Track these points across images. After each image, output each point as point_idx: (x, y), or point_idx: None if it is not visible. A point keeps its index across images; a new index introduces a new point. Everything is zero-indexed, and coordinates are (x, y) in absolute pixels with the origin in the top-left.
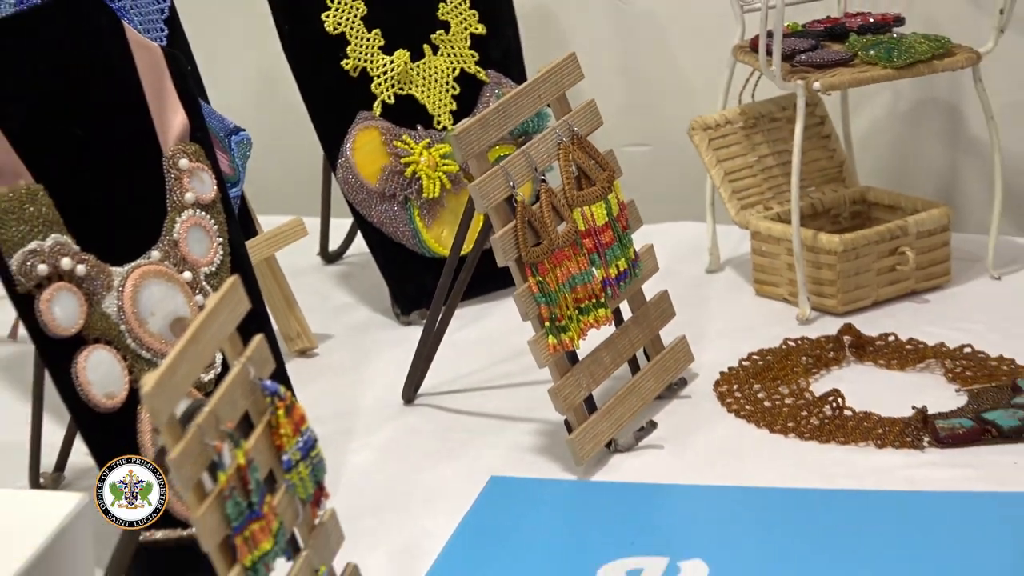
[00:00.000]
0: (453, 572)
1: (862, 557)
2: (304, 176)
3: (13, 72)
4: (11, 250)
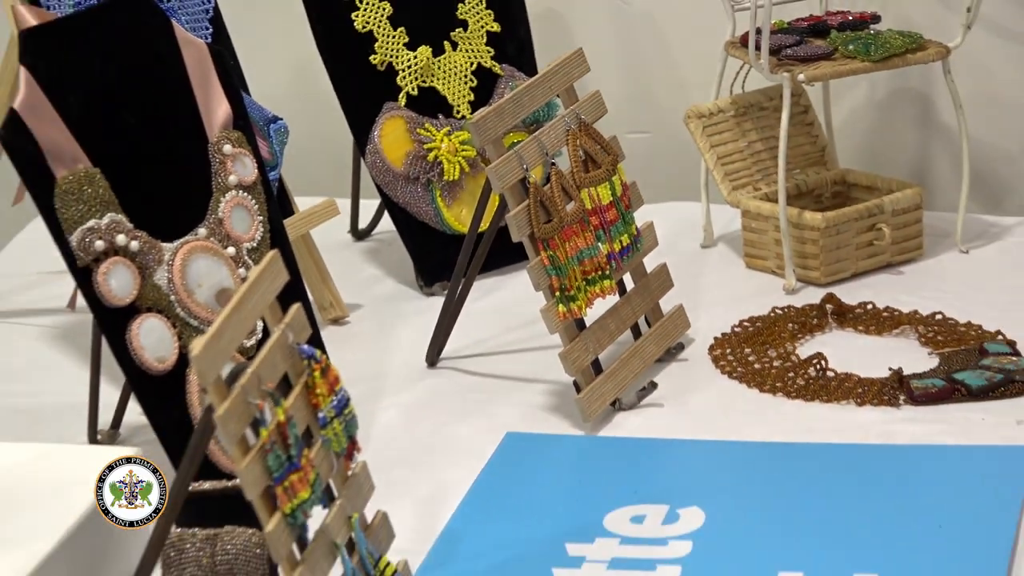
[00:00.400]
0: (472, 519)
1: (843, 504)
2: (336, 161)
3: (72, 66)
4: (71, 228)
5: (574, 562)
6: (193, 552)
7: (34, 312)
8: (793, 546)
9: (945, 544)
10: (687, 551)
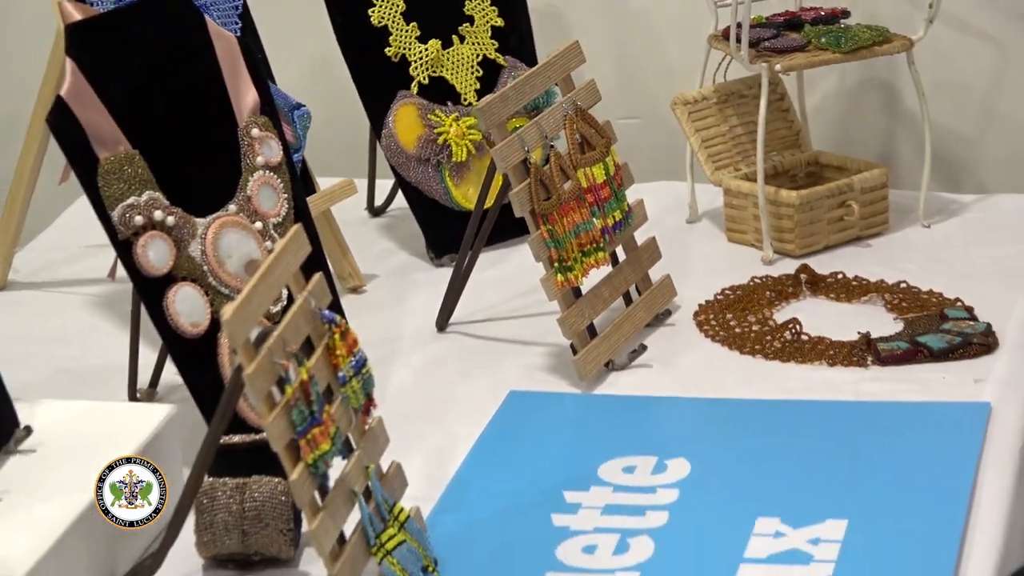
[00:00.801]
0: (478, 470)
1: (815, 456)
2: (354, 144)
3: (114, 57)
4: (112, 204)
5: (571, 508)
6: (224, 499)
7: (79, 282)
8: (771, 494)
9: (909, 491)
10: (674, 498)
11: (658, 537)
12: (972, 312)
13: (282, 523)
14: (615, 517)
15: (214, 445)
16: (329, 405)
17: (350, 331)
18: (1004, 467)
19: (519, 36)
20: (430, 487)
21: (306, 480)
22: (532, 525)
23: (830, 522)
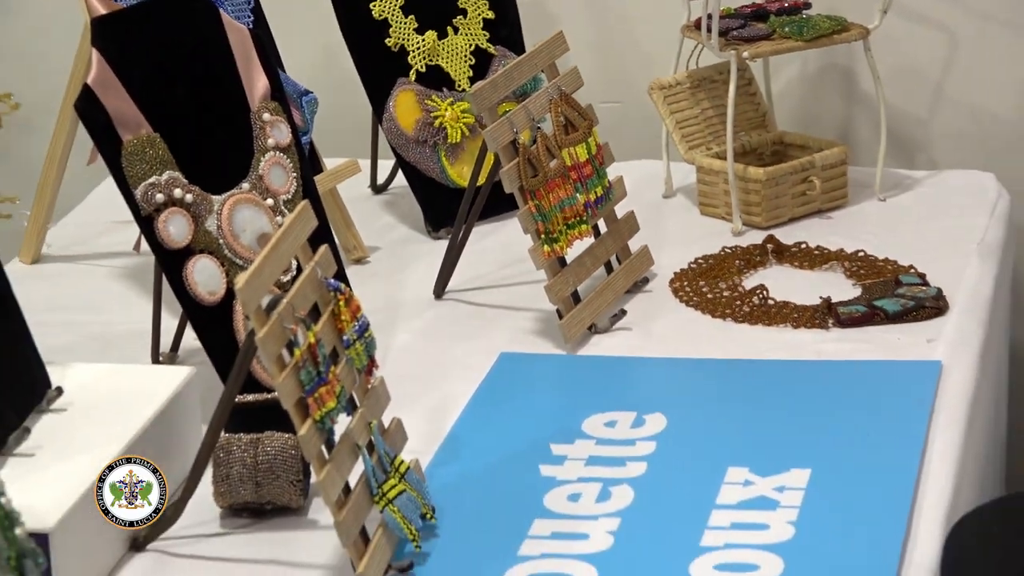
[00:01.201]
0: (472, 425)
1: (781, 410)
2: (358, 127)
3: (135, 48)
4: (136, 183)
5: (557, 460)
6: (239, 453)
7: (106, 255)
8: (740, 445)
9: (867, 442)
10: (652, 450)
11: (637, 486)
12: (924, 278)
13: (292, 474)
14: (597, 468)
15: (229, 403)
16: (335, 366)
17: (354, 298)
18: (954, 420)
19: (508, 27)
20: (428, 441)
21: (314, 435)
22: (521, 476)
23: (794, 471)
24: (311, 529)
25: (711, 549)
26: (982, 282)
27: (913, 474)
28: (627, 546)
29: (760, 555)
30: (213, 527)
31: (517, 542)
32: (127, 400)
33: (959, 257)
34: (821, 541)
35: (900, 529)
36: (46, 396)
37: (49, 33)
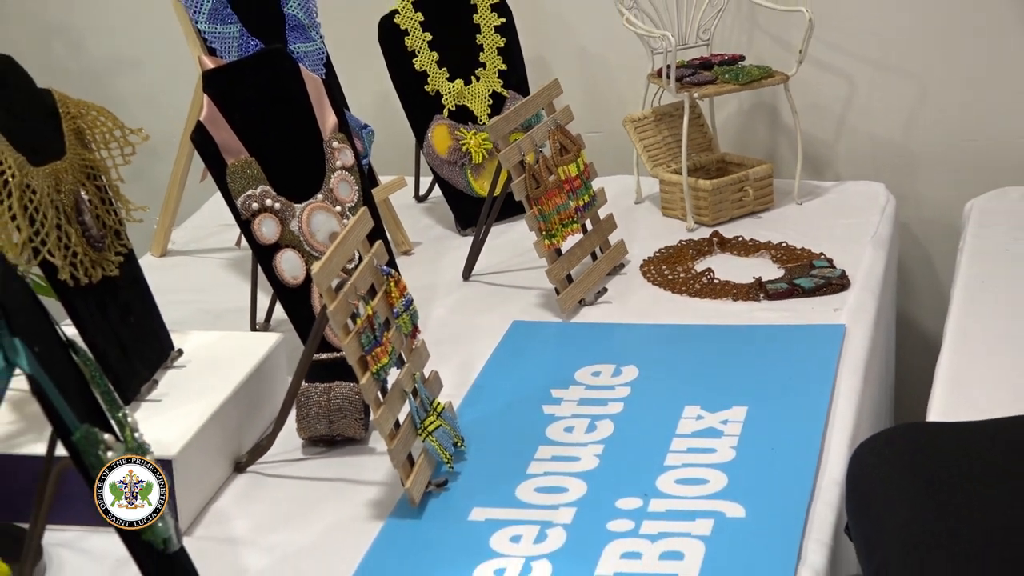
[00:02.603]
0: (492, 376)
1: (724, 363)
2: (404, 152)
3: (236, 93)
4: (237, 195)
5: (555, 401)
6: (316, 398)
7: (215, 250)
8: (694, 389)
9: (790, 386)
10: (627, 393)
11: (616, 420)
12: (831, 262)
13: (356, 414)
14: (586, 407)
15: (308, 360)
16: (387, 332)
17: (401, 280)
18: (854, 369)
19: (517, 76)
20: (458, 388)
21: (372, 384)
22: (528, 413)
23: (735, 408)
24: (370, 455)
25: (673, 467)
26: (875, 265)
27: (824, 410)
28: (609, 465)
29: (709, 471)
30: (296, 454)
31: (526, 463)
32: (231, 359)
33: (858, 246)
34: (755, 461)
35: (815, 451)
36: (170, 356)
37: (172, 82)
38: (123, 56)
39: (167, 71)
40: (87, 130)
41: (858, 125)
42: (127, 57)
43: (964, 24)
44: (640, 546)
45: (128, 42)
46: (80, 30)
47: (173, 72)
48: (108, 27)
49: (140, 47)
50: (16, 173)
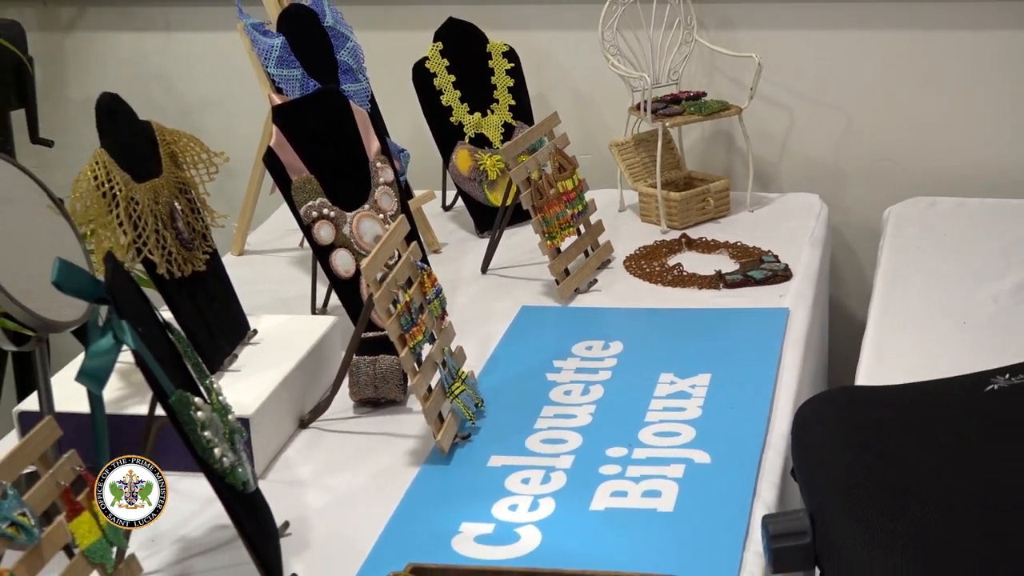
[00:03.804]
0: (506, 349)
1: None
2: (433, 171)
3: (300, 123)
4: (300, 205)
5: (556, 370)
6: (364, 368)
7: (283, 249)
8: (668, 360)
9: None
10: (614, 364)
11: (605, 385)
12: (777, 258)
13: (397, 380)
14: (581, 374)
15: (358, 338)
16: (422, 315)
17: (432, 273)
18: (796, 344)
19: (524, 110)
20: (478, 360)
21: (409, 356)
22: (535, 380)
23: (701, 375)
24: (408, 414)
25: (651, 423)
26: (812, 260)
27: (772, 376)
28: (600, 421)
29: (681, 426)
30: (348, 413)
31: (533, 419)
32: (295, 337)
33: (798, 245)
34: (717, 418)
35: (765, 409)
36: (247, 335)
37: (247, 116)
38: (208, 95)
39: (243, 106)
40: (179, 154)
41: (797, 148)
42: (211, 96)
43: (881, 68)
44: (626, 486)
45: (211, 84)
46: (172, 76)
47: (248, 107)
48: (195, 73)
49: (221, 88)
50: (123, 188)
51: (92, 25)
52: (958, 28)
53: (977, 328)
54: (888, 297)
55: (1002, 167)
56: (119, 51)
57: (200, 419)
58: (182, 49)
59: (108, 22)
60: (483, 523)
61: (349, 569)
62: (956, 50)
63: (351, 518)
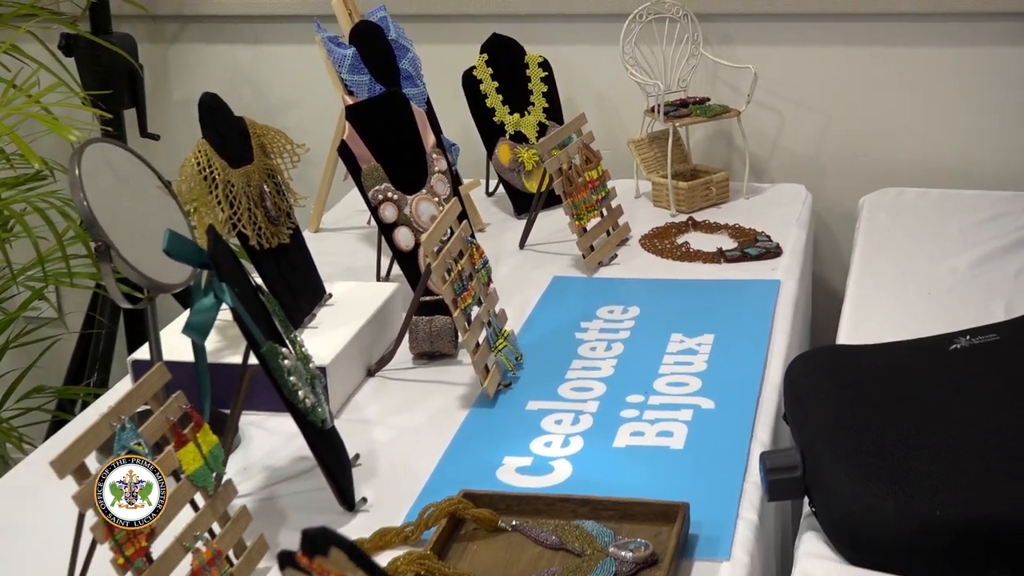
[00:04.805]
0: (541, 312)
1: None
2: (478, 162)
3: (369, 120)
4: (368, 189)
5: (583, 330)
6: (422, 326)
7: (353, 227)
8: (678, 321)
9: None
10: (632, 325)
11: (625, 343)
12: (770, 238)
13: (450, 337)
14: (604, 334)
15: (417, 301)
16: (471, 282)
17: (479, 247)
18: (786, 309)
19: (556, 111)
20: (518, 320)
21: (461, 317)
22: (565, 338)
23: (706, 335)
24: (459, 365)
25: (664, 375)
26: (798, 240)
27: (766, 336)
28: (620, 373)
29: (689, 378)
30: (408, 364)
31: (564, 371)
32: (364, 300)
33: (787, 227)
34: (720, 370)
35: (760, 364)
36: (323, 298)
37: (323, 114)
38: (291, 97)
39: (319, 107)
40: (268, 144)
41: (786, 145)
42: (294, 97)
43: (858, 78)
44: (643, 427)
45: (294, 87)
46: (260, 81)
47: (323, 108)
48: (279, 78)
49: (303, 90)
50: (221, 173)
51: (192, 38)
52: (920, 45)
53: (939, 297)
54: (863, 272)
55: (958, 163)
56: (214, 60)
57: (287, 366)
58: (268, 58)
59: (206, 35)
60: (522, 457)
61: (410, 494)
62: (919, 64)
63: (411, 452)
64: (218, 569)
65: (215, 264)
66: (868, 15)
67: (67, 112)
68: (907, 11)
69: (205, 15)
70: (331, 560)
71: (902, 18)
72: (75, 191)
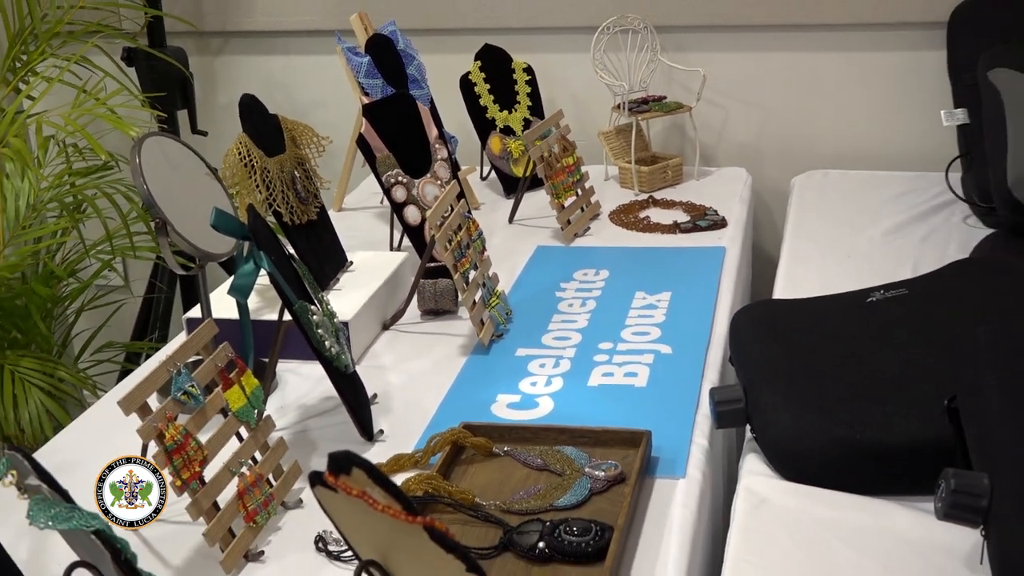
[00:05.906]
0: (527, 276)
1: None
2: (473, 151)
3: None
4: (382, 174)
5: (562, 289)
6: (428, 287)
7: (370, 207)
8: (640, 281)
9: (694, 281)
10: (603, 285)
11: (597, 300)
12: (717, 212)
13: (452, 296)
14: (580, 292)
15: (423, 266)
16: (468, 250)
17: (475, 221)
18: (730, 271)
19: (538, 108)
20: (507, 282)
21: (460, 279)
22: (546, 297)
23: (664, 293)
24: (459, 320)
25: (629, 325)
26: (741, 214)
27: (714, 294)
28: (593, 325)
29: (650, 327)
30: (416, 319)
31: (546, 323)
32: (379, 267)
33: (731, 203)
34: (676, 322)
35: (709, 316)
36: (345, 265)
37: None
38: (316, 98)
39: (341, 106)
40: (297, 137)
41: (730, 135)
42: (319, 98)
43: (792, 78)
44: (612, 369)
45: (319, 90)
46: (290, 85)
47: (344, 106)
48: (307, 82)
49: (326, 92)
50: (259, 161)
51: (234, 50)
52: (842, 51)
53: (858, 260)
54: (794, 240)
55: (874, 149)
56: (253, 68)
57: (315, 321)
58: (297, 66)
59: (245, 48)
60: (512, 395)
61: (419, 426)
62: (842, 66)
63: (420, 391)
64: (260, 490)
65: (254, 236)
66: (800, 26)
67: (129, 113)
68: (832, 22)
69: (245, 31)
70: (353, 478)
71: (828, 28)
72: (136, 177)
